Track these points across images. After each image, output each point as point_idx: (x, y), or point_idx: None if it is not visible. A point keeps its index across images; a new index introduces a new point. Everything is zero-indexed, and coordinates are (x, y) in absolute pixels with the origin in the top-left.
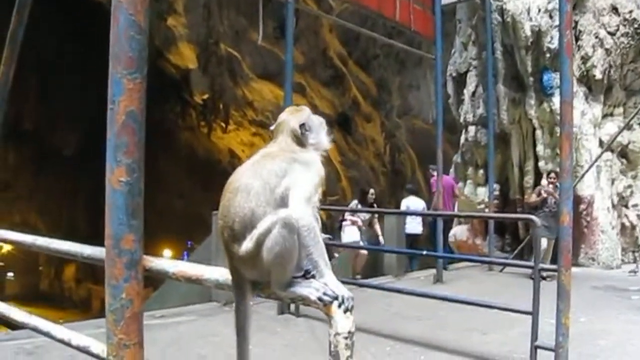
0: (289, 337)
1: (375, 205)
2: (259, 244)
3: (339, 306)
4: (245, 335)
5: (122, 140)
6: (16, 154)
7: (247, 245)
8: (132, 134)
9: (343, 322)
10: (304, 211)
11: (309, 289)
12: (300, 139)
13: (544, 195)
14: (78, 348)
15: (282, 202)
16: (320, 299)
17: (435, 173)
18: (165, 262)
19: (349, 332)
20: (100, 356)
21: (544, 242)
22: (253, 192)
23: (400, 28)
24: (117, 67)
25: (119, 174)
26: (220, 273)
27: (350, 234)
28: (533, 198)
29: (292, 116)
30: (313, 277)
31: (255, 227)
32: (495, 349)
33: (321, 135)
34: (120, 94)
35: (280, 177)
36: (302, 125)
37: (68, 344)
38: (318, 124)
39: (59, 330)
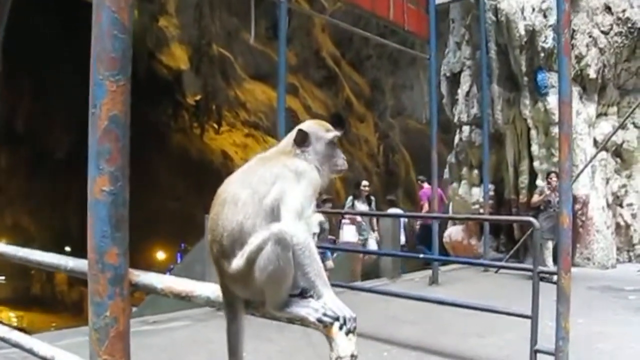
0: (284, 344)
1: (372, 198)
2: (250, 262)
3: (341, 328)
4: (238, 357)
5: (105, 147)
6: (8, 157)
7: (237, 262)
8: (116, 140)
9: (345, 344)
10: (298, 227)
11: (307, 309)
12: (300, 148)
13: (547, 193)
14: None
15: (272, 214)
16: (320, 320)
17: (425, 184)
18: (153, 277)
19: (352, 356)
20: None
21: (550, 245)
22: (241, 203)
23: (393, 28)
24: (100, 69)
25: (102, 183)
26: (212, 290)
27: (349, 233)
28: (536, 198)
29: (306, 124)
30: (311, 296)
31: (245, 242)
32: (493, 353)
33: (322, 155)
34: (103, 97)
35: (270, 184)
36: (304, 134)
37: None
38: (326, 143)
39: (42, 347)
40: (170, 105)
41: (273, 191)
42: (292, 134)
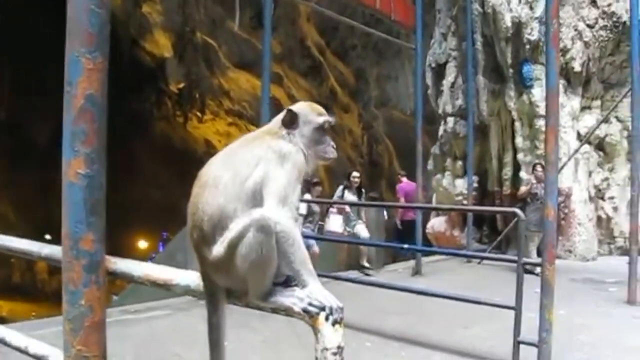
0: (267, 333)
1: (362, 190)
2: (232, 249)
3: (327, 318)
4: (220, 351)
5: (80, 127)
6: None
7: (218, 249)
8: (92, 120)
9: (331, 335)
10: (281, 214)
11: (291, 299)
12: (287, 129)
13: (533, 183)
14: (36, 357)
15: (254, 198)
16: (305, 310)
17: (404, 179)
18: (131, 264)
19: (338, 347)
20: None
21: (536, 238)
22: (222, 185)
23: (380, 17)
24: (75, 45)
25: (77, 166)
26: (192, 278)
27: (335, 223)
28: (522, 190)
29: (297, 105)
30: (296, 284)
31: (226, 227)
32: (477, 344)
33: (309, 139)
34: (79, 75)
35: (253, 166)
36: (293, 115)
37: (25, 352)
38: (315, 128)
39: (15, 337)
40: (154, 93)
41: (255, 174)
42: (281, 115)
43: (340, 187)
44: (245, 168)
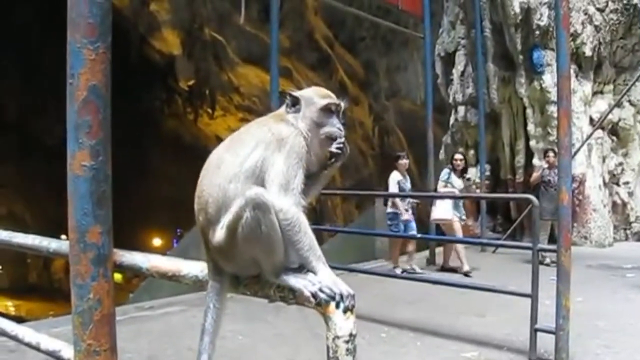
0: (280, 326)
1: (465, 172)
2: (232, 231)
3: (338, 305)
4: (211, 339)
5: (84, 119)
6: (0, 145)
7: (219, 233)
8: (96, 111)
9: (343, 323)
10: (284, 201)
11: (304, 282)
12: (290, 112)
13: (545, 167)
14: (47, 352)
15: (254, 178)
16: (314, 296)
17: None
18: (138, 256)
19: (350, 335)
20: None
21: (548, 227)
22: (223, 166)
23: (387, 6)
24: (76, 36)
25: (82, 158)
26: (200, 268)
27: (442, 209)
28: (534, 176)
29: (304, 89)
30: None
31: (228, 209)
32: (493, 332)
33: (312, 121)
34: (81, 67)
35: (252, 147)
36: (294, 98)
37: (36, 349)
38: (319, 109)
39: (27, 333)
40: (163, 90)
41: (253, 154)
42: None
43: (446, 170)
44: (244, 149)
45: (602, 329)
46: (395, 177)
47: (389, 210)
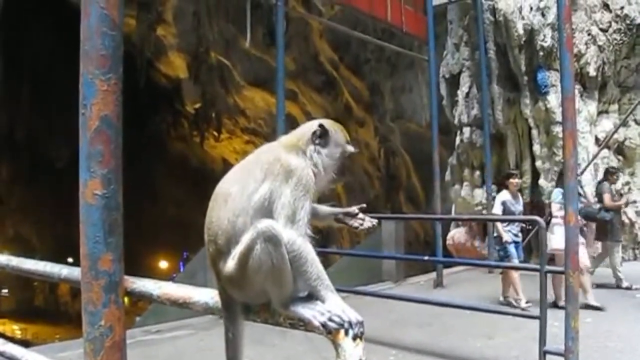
0: (287, 350)
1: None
2: (242, 263)
3: (347, 332)
4: None
5: (96, 148)
6: (9, 166)
7: (230, 264)
8: (107, 141)
9: (352, 350)
10: (291, 234)
11: (313, 312)
12: (314, 143)
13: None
14: None
15: (263, 211)
16: (324, 325)
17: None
18: (149, 283)
19: None
20: None
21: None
22: (230, 199)
23: (392, 29)
24: (89, 67)
25: (94, 187)
26: (211, 295)
27: (561, 237)
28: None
29: (329, 122)
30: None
31: (238, 241)
32: (502, 354)
33: (333, 162)
34: (93, 97)
35: (260, 180)
36: (325, 131)
37: None
38: (341, 153)
39: (37, 359)
40: (170, 113)
41: (262, 188)
42: (310, 126)
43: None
44: (252, 182)
45: (613, 349)
46: (501, 197)
47: (495, 234)
